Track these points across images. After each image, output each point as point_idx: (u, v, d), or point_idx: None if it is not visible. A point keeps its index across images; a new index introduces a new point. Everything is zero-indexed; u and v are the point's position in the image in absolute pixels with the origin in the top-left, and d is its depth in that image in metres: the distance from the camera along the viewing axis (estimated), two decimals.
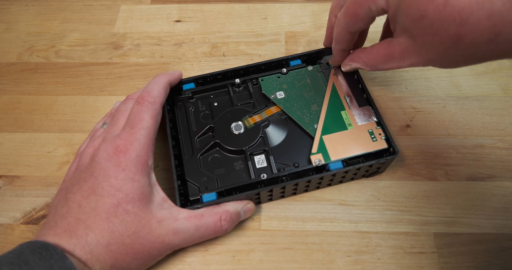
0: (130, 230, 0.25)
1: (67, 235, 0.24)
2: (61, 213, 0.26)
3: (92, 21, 0.43)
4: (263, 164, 0.30)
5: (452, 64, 0.23)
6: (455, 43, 0.21)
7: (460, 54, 0.22)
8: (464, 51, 0.21)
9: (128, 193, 0.25)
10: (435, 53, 0.22)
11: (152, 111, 0.28)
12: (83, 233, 0.24)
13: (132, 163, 0.26)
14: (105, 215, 0.25)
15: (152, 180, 0.27)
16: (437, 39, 0.21)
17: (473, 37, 0.20)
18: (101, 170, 0.26)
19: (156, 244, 0.26)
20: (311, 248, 0.30)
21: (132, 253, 0.25)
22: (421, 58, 0.24)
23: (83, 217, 0.25)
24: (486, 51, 0.21)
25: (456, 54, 0.22)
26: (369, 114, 0.31)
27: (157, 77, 0.31)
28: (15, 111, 0.38)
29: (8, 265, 0.21)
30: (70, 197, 0.26)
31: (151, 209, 0.26)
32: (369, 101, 0.31)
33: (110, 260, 0.24)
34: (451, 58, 0.22)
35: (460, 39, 0.20)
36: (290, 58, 0.34)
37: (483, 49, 0.20)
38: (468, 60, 0.22)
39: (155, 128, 0.28)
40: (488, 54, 0.21)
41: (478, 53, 0.21)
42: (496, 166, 0.33)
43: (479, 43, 0.20)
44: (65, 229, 0.24)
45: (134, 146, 0.27)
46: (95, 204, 0.25)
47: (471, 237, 0.30)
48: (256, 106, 0.33)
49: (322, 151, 0.30)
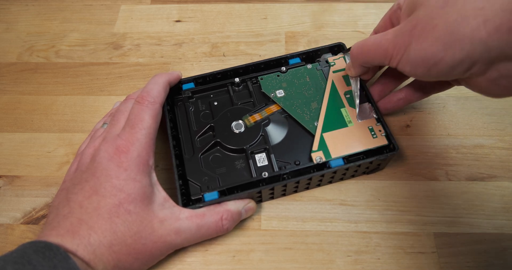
0: (132, 230, 0.25)
1: (70, 236, 0.24)
2: (63, 213, 0.26)
3: (92, 21, 0.43)
4: (264, 163, 0.30)
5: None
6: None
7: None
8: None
9: (130, 193, 0.25)
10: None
11: (152, 111, 0.28)
12: (86, 233, 0.24)
13: (133, 163, 0.26)
14: (107, 216, 0.25)
15: (153, 180, 0.28)
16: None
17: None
18: (103, 170, 0.26)
19: (158, 244, 0.26)
20: (311, 248, 0.30)
21: (134, 254, 0.25)
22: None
23: (85, 218, 0.25)
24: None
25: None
26: (369, 110, 0.31)
27: (156, 77, 0.31)
28: (15, 111, 0.38)
29: (12, 264, 0.21)
30: (71, 198, 0.26)
31: (152, 209, 0.26)
32: (369, 98, 0.31)
33: (113, 260, 0.25)
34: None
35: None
36: (289, 57, 0.34)
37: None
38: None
39: (155, 128, 0.28)
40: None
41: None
42: (496, 166, 0.33)
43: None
44: (68, 229, 0.24)
45: (135, 146, 0.27)
46: (97, 204, 0.25)
47: (471, 237, 0.30)
48: (256, 104, 0.33)
49: (322, 149, 0.30)
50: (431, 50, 0.22)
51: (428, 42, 0.22)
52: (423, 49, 0.22)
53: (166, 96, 0.31)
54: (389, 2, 0.43)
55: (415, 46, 0.23)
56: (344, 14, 0.42)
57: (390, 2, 0.43)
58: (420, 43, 0.22)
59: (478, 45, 0.20)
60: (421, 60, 0.23)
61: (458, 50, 0.21)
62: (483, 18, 0.19)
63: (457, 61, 0.21)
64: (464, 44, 0.20)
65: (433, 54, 0.22)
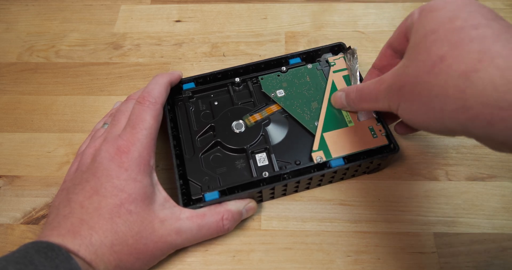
0: (133, 230, 0.25)
1: (71, 236, 0.24)
2: (64, 213, 0.26)
3: (92, 21, 0.43)
4: (264, 162, 0.30)
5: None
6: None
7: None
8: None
9: (131, 193, 0.25)
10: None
11: (153, 111, 0.28)
12: (87, 233, 0.24)
13: (134, 163, 0.26)
14: (108, 216, 0.25)
15: (154, 180, 0.28)
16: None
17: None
18: (104, 171, 0.26)
19: (159, 244, 0.26)
20: (311, 248, 0.30)
21: (135, 253, 0.25)
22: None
23: (86, 218, 0.25)
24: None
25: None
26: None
27: (157, 77, 0.31)
28: (15, 111, 0.38)
29: (14, 264, 0.21)
30: (72, 198, 0.26)
31: (153, 209, 0.26)
32: None
33: (114, 260, 0.25)
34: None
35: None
36: (290, 57, 0.34)
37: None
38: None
39: (156, 128, 0.28)
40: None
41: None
42: (496, 166, 0.33)
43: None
44: (69, 229, 0.24)
45: (136, 147, 0.27)
46: (97, 204, 0.25)
47: (471, 237, 0.30)
48: (256, 104, 0.33)
49: (323, 149, 0.30)
50: (417, 116, 0.21)
51: (414, 106, 0.21)
52: (410, 112, 0.22)
53: (167, 96, 0.31)
54: (389, 2, 0.43)
55: (404, 108, 0.22)
56: (344, 14, 0.42)
57: (390, 2, 0.43)
58: (408, 106, 0.22)
59: (458, 126, 0.19)
60: (411, 122, 0.22)
61: (439, 124, 0.20)
62: (462, 104, 0.18)
63: (444, 131, 0.21)
64: (446, 121, 0.20)
65: (419, 121, 0.21)
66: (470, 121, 0.18)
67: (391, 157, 0.30)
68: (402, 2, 0.43)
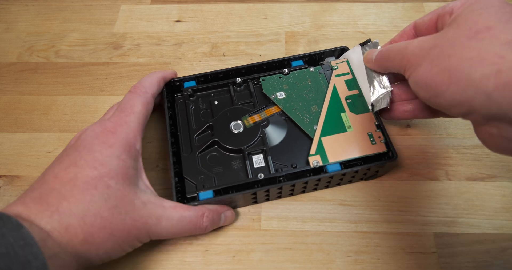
0: (110, 203, 0.23)
1: (34, 204, 0.22)
2: (35, 186, 0.24)
3: (92, 21, 0.43)
4: (261, 164, 0.30)
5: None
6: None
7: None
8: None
9: (112, 169, 0.24)
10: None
11: (144, 99, 0.29)
12: (55, 201, 0.22)
13: (119, 142, 0.25)
14: (84, 186, 0.23)
15: (139, 165, 0.27)
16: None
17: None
18: (86, 145, 0.25)
19: (138, 223, 0.24)
20: (311, 248, 0.30)
21: (109, 228, 0.23)
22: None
23: (58, 187, 0.23)
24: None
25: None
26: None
27: (151, 73, 0.32)
28: (15, 111, 0.38)
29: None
30: (47, 171, 0.25)
31: (135, 190, 0.25)
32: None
33: (83, 233, 0.22)
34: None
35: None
36: (292, 59, 0.34)
37: None
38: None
39: (145, 114, 0.28)
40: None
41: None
42: (496, 166, 0.33)
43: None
44: (35, 197, 0.23)
45: (123, 128, 0.26)
46: (73, 175, 0.23)
47: (471, 237, 0.30)
48: (256, 105, 0.33)
49: (320, 153, 0.30)
50: (436, 79, 0.21)
51: (437, 69, 0.21)
52: (430, 74, 0.21)
53: (160, 90, 0.32)
54: (389, 2, 0.43)
55: (425, 68, 0.22)
56: (344, 14, 0.42)
57: (390, 2, 0.43)
58: (430, 67, 0.21)
59: (481, 95, 0.19)
60: (425, 85, 0.22)
61: (460, 91, 0.20)
62: (498, 68, 0.18)
63: (456, 101, 0.20)
64: (468, 88, 0.19)
65: (437, 84, 0.21)
66: (499, 89, 0.18)
67: (389, 164, 0.29)
68: (402, 2, 0.43)
